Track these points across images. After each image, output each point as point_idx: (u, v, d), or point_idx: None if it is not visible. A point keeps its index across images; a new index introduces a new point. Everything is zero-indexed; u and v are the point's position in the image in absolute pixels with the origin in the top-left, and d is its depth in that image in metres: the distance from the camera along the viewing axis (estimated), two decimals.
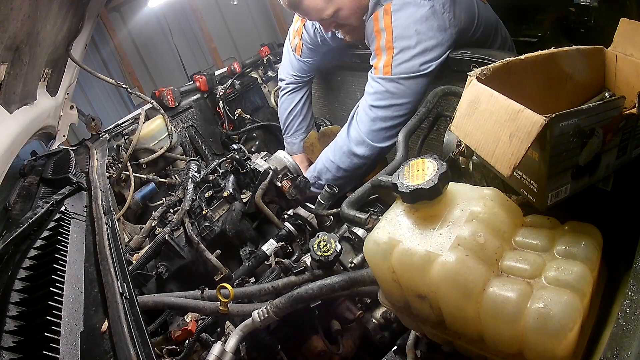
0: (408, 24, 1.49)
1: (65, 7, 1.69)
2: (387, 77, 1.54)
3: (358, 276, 1.03)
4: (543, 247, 0.76)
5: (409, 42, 1.49)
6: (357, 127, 1.63)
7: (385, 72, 1.54)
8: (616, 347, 0.62)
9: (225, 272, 1.47)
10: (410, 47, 1.49)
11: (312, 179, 1.74)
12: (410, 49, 1.49)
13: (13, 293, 0.96)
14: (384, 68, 1.54)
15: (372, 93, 1.59)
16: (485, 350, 0.75)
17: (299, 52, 2.10)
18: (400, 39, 1.50)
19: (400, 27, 1.50)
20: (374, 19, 1.57)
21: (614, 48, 0.95)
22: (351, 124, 1.68)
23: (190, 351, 1.17)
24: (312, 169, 1.79)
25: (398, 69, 1.52)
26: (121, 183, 2.09)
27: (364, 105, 1.62)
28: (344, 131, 1.70)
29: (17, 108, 1.60)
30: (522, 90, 0.87)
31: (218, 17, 6.28)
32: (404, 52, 1.50)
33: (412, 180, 0.80)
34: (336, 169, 1.70)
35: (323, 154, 1.78)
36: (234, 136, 2.60)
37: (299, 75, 2.18)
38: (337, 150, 1.70)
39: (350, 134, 1.66)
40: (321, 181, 1.74)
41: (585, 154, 0.79)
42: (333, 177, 1.72)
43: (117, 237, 1.21)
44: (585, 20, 2.25)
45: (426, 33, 1.48)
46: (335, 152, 1.71)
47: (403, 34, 1.49)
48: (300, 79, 2.19)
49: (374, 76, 1.59)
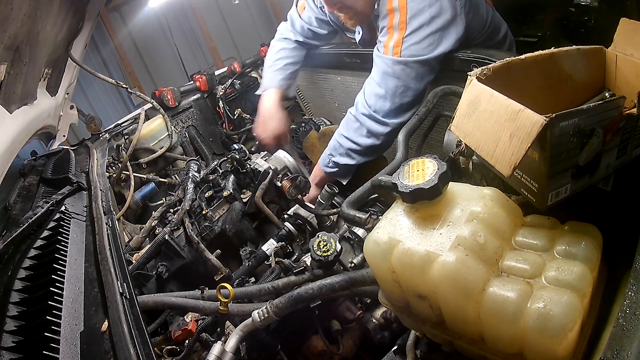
0: (422, 5, 1.50)
1: (65, 7, 1.69)
2: (395, 59, 1.54)
3: (358, 276, 1.03)
4: (543, 247, 0.76)
5: (421, 23, 1.50)
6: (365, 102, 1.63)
7: (394, 53, 1.54)
8: (616, 347, 0.62)
9: (225, 272, 1.47)
10: (422, 28, 1.50)
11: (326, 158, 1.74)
12: (421, 29, 1.50)
13: (13, 293, 0.96)
14: (394, 48, 1.54)
15: (379, 73, 1.59)
16: (485, 350, 0.75)
17: (301, 10, 2.10)
18: (412, 19, 1.51)
19: (415, 9, 1.50)
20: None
21: (614, 48, 0.95)
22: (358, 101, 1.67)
23: (190, 351, 1.17)
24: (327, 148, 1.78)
25: (408, 51, 1.52)
26: (121, 183, 2.09)
27: (370, 83, 1.62)
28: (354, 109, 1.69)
29: (17, 108, 1.60)
30: (522, 90, 0.87)
31: (218, 17, 6.28)
32: (415, 34, 1.51)
33: (412, 180, 0.80)
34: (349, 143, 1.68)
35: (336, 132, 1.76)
36: (234, 136, 2.60)
37: (297, 32, 2.14)
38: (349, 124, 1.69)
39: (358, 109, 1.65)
40: (334, 158, 1.72)
41: (585, 154, 0.79)
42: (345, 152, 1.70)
43: (117, 237, 1.21)
44: (585, 20, 2.25)
45: (439, 18, 1.49)
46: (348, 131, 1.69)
47: (416, 15, 1.50)
48: (297, 36, 2.14)
49: (383, 56, 1.58)
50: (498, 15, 1.79)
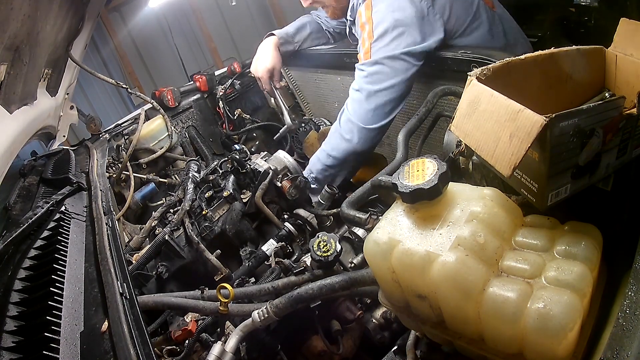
0: (386, 13, 1.56)
1: (65, 7, 1.69)
2: (368, 61, 1.59)
3: (358, 276, 1.03)
4: (543, 247, 0.76)
5: (385, 28, 1.55)
6: (347, 111, 1.67)
7: (365, 58, 1.60)
8: (616, 347, 0.62)
9: (225, 272, 1.47)
10: (388, 31, 1.55)
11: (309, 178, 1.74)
12: (387, 34, 1.55)
13: (13, 293, 0.96)
14: (364, 55, 1.60)
15: (356, 80, 1.64)
16: (485, 350, 0.75)
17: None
18: (377, 26, 1.57)
19: (379, 17, 1.56)
20: (359, 14, 1.65)
21: (614, 48, 0.95)
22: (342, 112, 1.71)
23: (190, 351, 1.17)
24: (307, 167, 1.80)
25: (378, 53, 1.57)
26: (121, 183, 2.09)
27: (350, 92, 1.67)
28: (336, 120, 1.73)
29: (17, 108, 1.60)
30: (522, 90, 0.87)
31: (218, 17, 6.28)
32: (381, 38, 1.56)
33: (412, 180, 0.80)
34: (326, 157, 1.71)
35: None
36: (234, 136, 2.60)
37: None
38: (329, 138, 1.73)
39: (340, 119, 1.69)
40: (312, 174, 1.74)
41: (585, 154, 0.79)
42: (322, 167, 1.72)
43: (117, 237, 1.21)
44: (585, 20, 2.25)
45: (402, 19, 1.54)
46: (327, 142, 1.74)
47: (381, 22, 1.56)
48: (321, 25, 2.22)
49: (357, 65, 1.65)
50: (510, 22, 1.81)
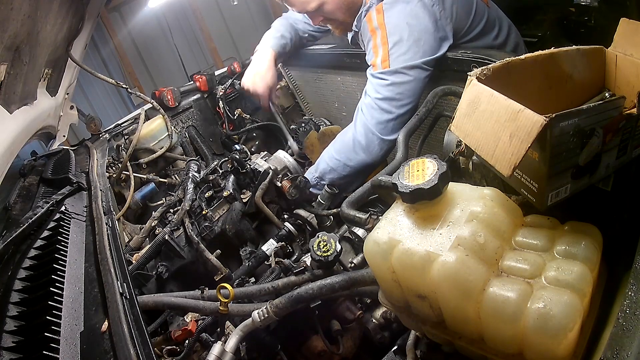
0: (399, 19, 1.54)
1: (65, 7, 1.69)
2: (388, 70, 1.56)
3: (358, 276, 1.03)
4: (543, 247, 0.76)
5: (401, 35, 1.54)
6: (365, 122, 1.63)
7: (384, 67, 1.57)
8: (616, 347, 0.62)
9: (225, 272, 1.47)
10: (404, 39, 1.53)
11: (314, 180, 1.74)
12: (404, 41, 1.54)
13: (13, 293, 0.96)
14: (382, 63, 1.57)
15: (375, 88, 1.60)
16: (485, 350, 0.75)
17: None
18: (393, 33, 1.55)
19: (393, 23, 1.55)
20: (368, 19, 1.62)
21: (614, 48, 0.95)
22: (357, 122, 1.67)
23: (190, 351, 1.17)
24: (313, 170, 1.79)
25: (397, 61, 1.55)
26: (121, 183, 2.08)
27: (368, 102, 1.62)
28: (350, 129, 1.70)
29: (17, 108, 1.60)
30: (522, 90, 0.87)
31: (218, 17, 6.28)
32: (398, 45, 1.54)
33: (412, 180, 0.80)
34: (342, 167, 1.69)
35: (325, 153, 1.77)
36: (234, 136, 2.60)
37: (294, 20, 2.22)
38: (344, 148, 1.70)
39: (357, 129, 1.66)
40: (324, 181, 1.73)
41: (585, 154, 0.79)
42: (339, 176, 1.70)
43: (117, 237, 1.21)
44: (585, 20, 2.25)
45: (417, 25, 1.53)
46: (341, 151, 1.70)
47: (395, 28, 1.55)
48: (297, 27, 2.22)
49: (375, 72, 1.60)
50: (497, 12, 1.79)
